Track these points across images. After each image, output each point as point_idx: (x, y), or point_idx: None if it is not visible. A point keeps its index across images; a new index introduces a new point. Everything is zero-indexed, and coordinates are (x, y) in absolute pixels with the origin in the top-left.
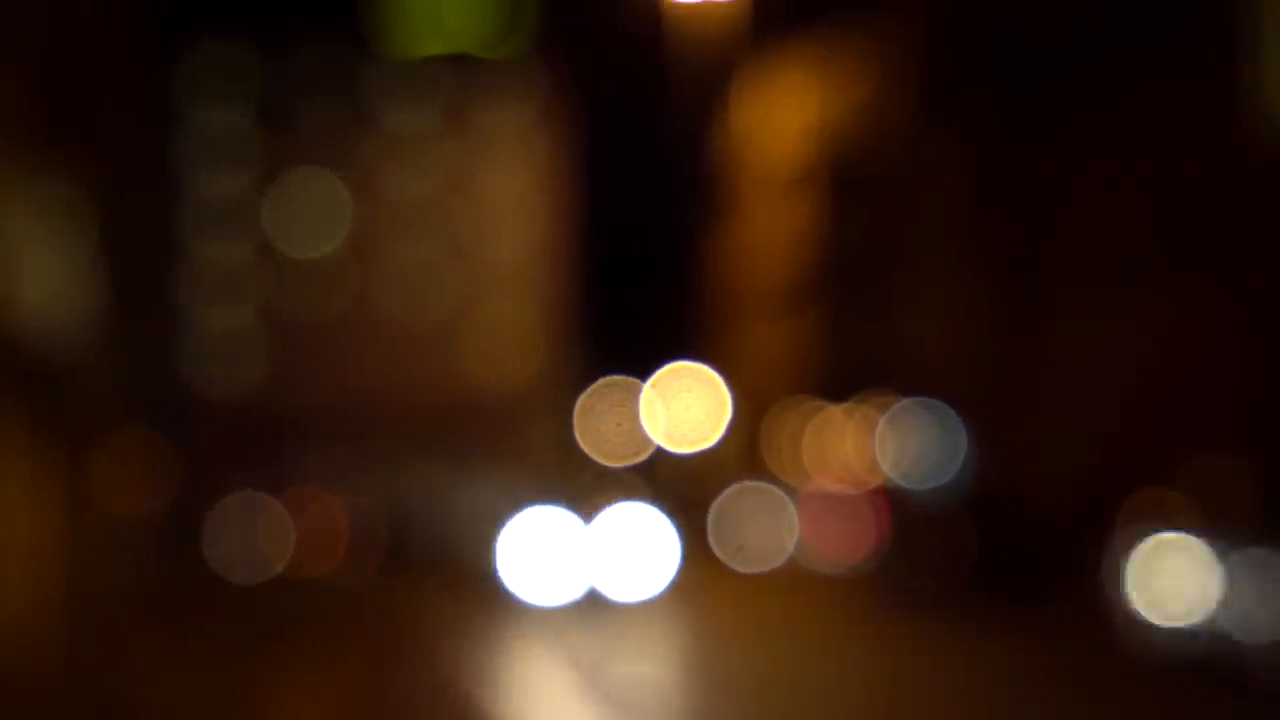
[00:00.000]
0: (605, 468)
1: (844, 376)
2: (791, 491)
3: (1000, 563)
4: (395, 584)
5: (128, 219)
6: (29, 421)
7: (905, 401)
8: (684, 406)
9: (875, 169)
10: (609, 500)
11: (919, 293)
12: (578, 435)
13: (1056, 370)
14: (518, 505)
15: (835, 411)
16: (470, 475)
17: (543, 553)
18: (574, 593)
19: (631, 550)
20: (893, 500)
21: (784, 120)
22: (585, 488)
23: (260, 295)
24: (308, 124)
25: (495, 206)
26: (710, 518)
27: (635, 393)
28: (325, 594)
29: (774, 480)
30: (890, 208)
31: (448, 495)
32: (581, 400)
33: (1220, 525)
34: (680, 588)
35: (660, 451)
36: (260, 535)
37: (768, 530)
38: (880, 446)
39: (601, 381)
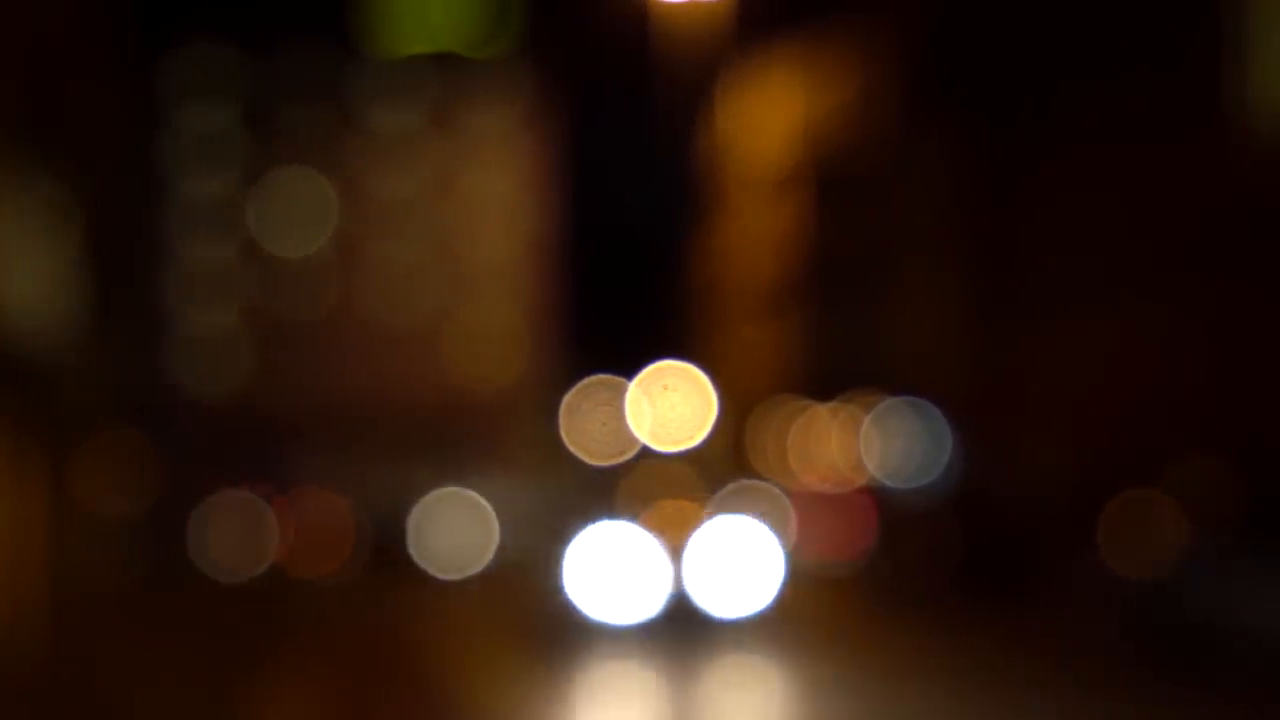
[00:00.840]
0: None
1: (829, 375)
2: (783, 490)
3: (984, 561)
4: (381, 584)
5: (113, 219)
6: (13, 422)
7: (890, 401)
8: (670, 405)
9: (861, 169)
10: (705, 514)
11: (904, 293)
12: (563, 434)
13: (1041, 371)
14: (579, 518)
15: (821, 410)
16: (457, 475)
17: (612, 567)
18: (648, 610)
19: (732, 564)
20: (878, 499)
21: (769, 120)
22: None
23: (246, 295)
24: (294, 124)
25: (481, 206)
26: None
27: (621, 392)
28: (311, 594)
29: (763, 479)
30: (875, 208)
31: (433, 496)
32: (567, 399)
33: (1202, 525)
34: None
35: (645, 450)
36: (245, 535)
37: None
38: (865, 446)
39: (587, 380)
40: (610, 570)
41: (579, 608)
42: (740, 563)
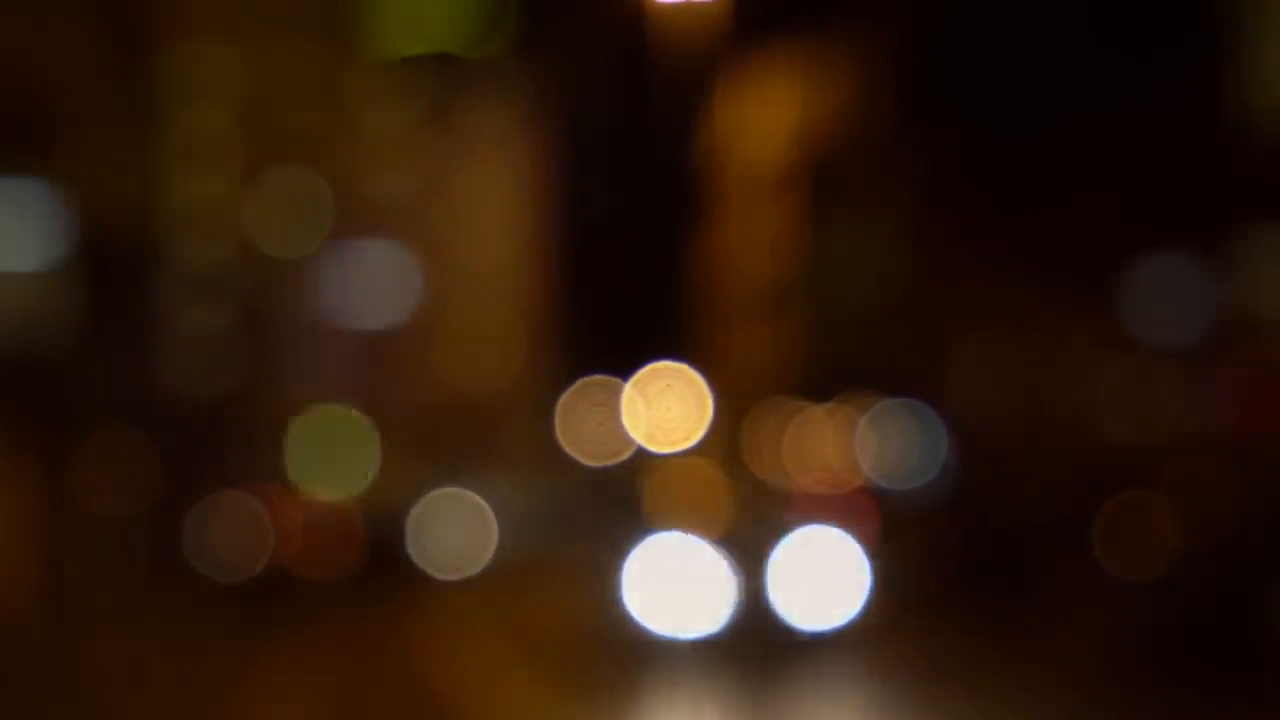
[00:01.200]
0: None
1: (825, 376)
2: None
3: (984, 563)
4: (378, 584)
5: (110, 218)
6: (10, 421)
7: (886, 402)
8: (665, 406)
9: (856, 170)
10: (788, 524)
11: (899, 293)
12: (559, 435)
13: (1037, 370)
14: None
15: (816, 412)
16: (455, 476)
17: (673, 580)
18: (715, 624)
19: (818, 576)
20: (878, 501)
21: (767, 121)
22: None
23: (241, 295)
24: (290, 125)
25: (477, 206)
26: None
27: (616, 393)
28: (308, 593)
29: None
30: (871, 209)
31: (431, 496)
32: (563, 400)
33: (1199, 525)
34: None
35: (641, 451)
36: (242, 534)
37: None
38: (861, 447)
39: (583, 381)
40: (670, 580)
41: (637, 620)
42: (825, 573)
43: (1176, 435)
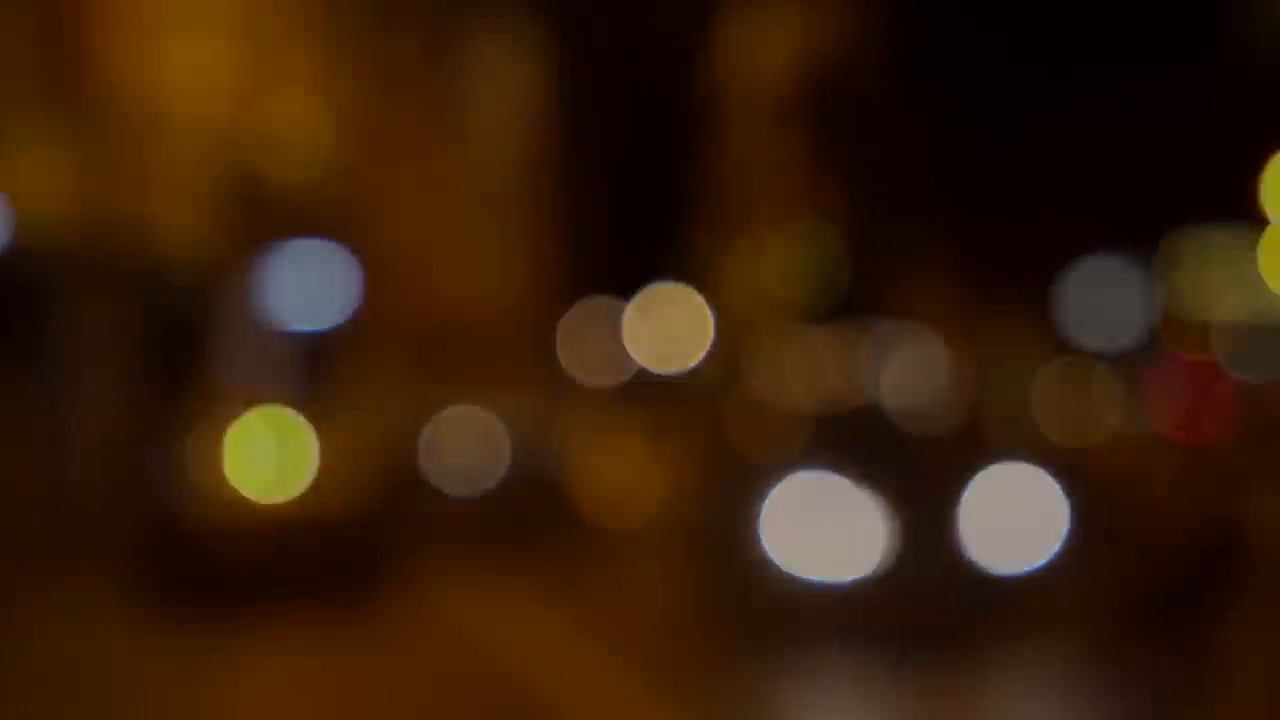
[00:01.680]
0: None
1: (824, 299)
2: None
3: None
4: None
5: (112, 127)
6: (8, 350)
7: (886, 325)
8: (666, 327)
9: (860, 99)
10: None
11: (901, 219)
12: (561, 356)
13: (1033, 299)
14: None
15: (817, 334)
16: (462, 395)
17: (819, 521)
18: (858, 569)
19: (1012, 515)
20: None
21: (772, 45)
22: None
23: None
24: (287, 46)
25: (478, 131)
26: None
27: (618, 314)
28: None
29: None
30: (874, 138)
31: (441, 414)
32: (564, 322)
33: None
34: None
35: (642, 372)
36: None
37: None
38: (862, 370)
39: (584, 302)
40: (816, 519)
41: (776, 561)
42: (1018, 513)
43: (1119, 435)
